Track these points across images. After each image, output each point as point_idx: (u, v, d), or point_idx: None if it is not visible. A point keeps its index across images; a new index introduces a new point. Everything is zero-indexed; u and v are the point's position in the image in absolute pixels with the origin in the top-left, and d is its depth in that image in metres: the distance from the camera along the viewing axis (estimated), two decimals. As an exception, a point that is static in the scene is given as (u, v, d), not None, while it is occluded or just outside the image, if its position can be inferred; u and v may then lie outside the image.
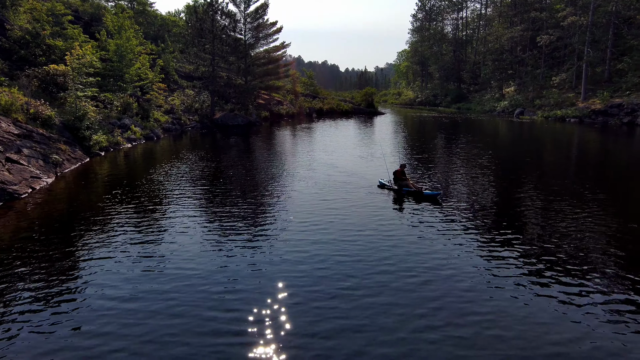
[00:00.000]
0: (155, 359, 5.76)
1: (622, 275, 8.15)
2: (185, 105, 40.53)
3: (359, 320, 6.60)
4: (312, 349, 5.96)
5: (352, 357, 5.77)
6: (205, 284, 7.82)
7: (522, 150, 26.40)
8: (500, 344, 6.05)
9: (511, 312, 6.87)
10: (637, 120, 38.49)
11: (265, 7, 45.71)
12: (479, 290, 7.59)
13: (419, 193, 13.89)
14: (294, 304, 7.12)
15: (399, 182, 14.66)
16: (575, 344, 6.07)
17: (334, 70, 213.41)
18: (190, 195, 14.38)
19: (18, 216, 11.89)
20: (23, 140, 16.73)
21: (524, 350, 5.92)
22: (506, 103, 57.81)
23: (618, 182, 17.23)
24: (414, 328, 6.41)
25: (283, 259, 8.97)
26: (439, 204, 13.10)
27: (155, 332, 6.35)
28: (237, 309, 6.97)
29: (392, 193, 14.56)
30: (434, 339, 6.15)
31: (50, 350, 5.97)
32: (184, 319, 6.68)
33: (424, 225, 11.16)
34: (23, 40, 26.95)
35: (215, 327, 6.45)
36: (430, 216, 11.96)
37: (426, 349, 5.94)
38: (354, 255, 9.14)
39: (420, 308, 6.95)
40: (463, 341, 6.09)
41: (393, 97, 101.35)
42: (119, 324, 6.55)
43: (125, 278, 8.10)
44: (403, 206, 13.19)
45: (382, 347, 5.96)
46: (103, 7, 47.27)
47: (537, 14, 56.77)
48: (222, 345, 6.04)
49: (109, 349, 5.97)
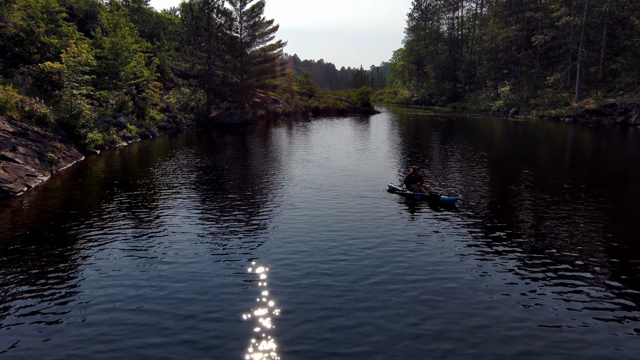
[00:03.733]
0: (151, 357, 5.81)
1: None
2: (181, 104, 40.41)
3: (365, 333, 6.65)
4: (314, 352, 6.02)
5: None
6: (203, 283, 7.85)
7: (524, 151, 26.59)
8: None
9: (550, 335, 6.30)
10: (630, 120, 38.86)
11: (261, 6, 45.58)
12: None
13: (435, 198, 13.04)
14: (293, 308, 7.17)
15: (411, 186, 13.81)
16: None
17: (330, 69, 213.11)
18: (185, 194, 14.39)
19: (13, 214, 11.86)
20: (18, 138, 16.64)
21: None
22: (501, 102, 58.11)
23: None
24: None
25: (283, 259, 9.01)
26: (461, 211, 12.30)
27: (153, 331, 6.38)
28: (237, 309, 7.02)
29: (403, 197, 13.77)
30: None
31: (46, 349, 5.99)
32: (181, 317, 6.72)
33: (441, 233, 10.50)
34: (17, 38, 26.73)
35: (215, 327, 6.50)
36: (445, 223, 11.27)
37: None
38: (362, 263, 9.00)
39: (450, 330, 6.39)
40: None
41: (389, 96, 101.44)
42: (116, 322, 6.57)
43: (120, 276, 8.12)
44: (415, 211, 12.42)
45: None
46: (98, 4, 47.02)
47: (531, 14, 57.08)
48: (222, 345, 6.09)
49: (105, 347, 6.00)
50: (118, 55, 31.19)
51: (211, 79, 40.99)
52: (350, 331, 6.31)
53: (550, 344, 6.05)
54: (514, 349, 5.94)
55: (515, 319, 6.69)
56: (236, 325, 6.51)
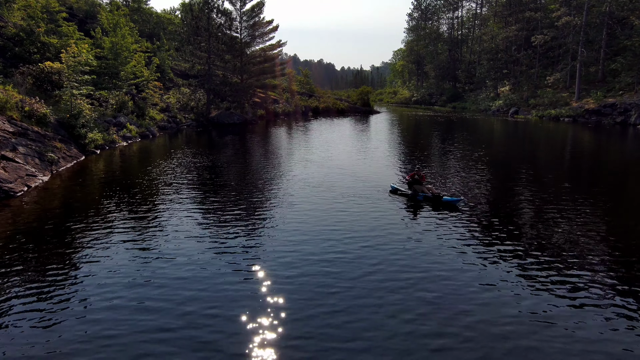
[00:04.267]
0: (152, 353, 5.83)
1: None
2: (181, 104, 40.43)
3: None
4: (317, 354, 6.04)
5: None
6: (202, 283, 7.88)
7: (524, 151, 26.61)
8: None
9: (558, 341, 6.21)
10: (629, 120, 38.89)
11: (261, 6, 45.60)
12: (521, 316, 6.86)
13: (438, 199, 12.94)
14: (292, 304, 7.20)
15: (413, 187, 13.66)
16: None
17: (330, 68, 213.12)
18: (185, 194, 14.41)
19: (13, 214, 11.87)
20: (18, 138, 16.66)
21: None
22: (501, 102, 58.15)
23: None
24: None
25: (283, 257, 9.04)
26: (459, 211, 12.31)
27: (151, 330, 6.41)
28: (236, 305, 7.05)
29: (405, 198, 13.70)
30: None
31: (45, 349, 6.01)
32: (182, 313, 6.75)
33: (442, 234, 10.44)
34: (17, 38, 26.75)
35: (216, 323, 6.52)
36: (444, 222, 11.29)
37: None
38: (365, 265, 8.98)
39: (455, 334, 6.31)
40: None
41: (389, 96, 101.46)
42: (115, 321, 6.60)
43: (121, 276, 8.14)
44: (417, 212, 12.34)
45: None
46: (98, 4, 47.03)
47: (531, 14, 57.11)
48: (222, 340, 6.11)
49: (107, 341, 6.03)
50: (118, 55, 31.20)
51: (211, 79, 41.01)
52: (348, 326, 6.36)
53: (544, 338, 6.09)
54: (507, 344, 5.99)
55: (510, 315, 6.73)
56: (236, 321, 6.55)
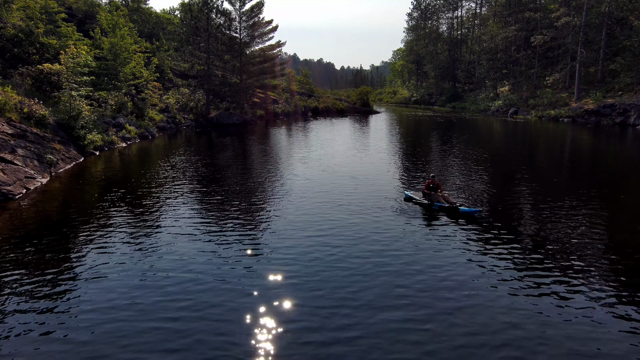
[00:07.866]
0: (153, 351, 5.84)
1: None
2: (180, 104, 40.40)
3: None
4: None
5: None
6: (201, 284, 7.88)
7: (523, 151, 26.62)
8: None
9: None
10: (629, 120, 38.90)
11: (261, 6, 45.55)
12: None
13: (455, 209, 12.26)
14: (291, 303, 7.22)
15: (429, 196, 13.00)
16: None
17: (330, 68, 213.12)
18: (185, 195, 14.40)
19: (12, 217, 11.87)
20: (17, 140, 16.65)
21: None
22: (500, 102, 58.16)
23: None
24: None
25: (284, 255, 9.04)
26: (477, 222, 11.63)
27: (152, 330, 6.41)
28: (236, 304, 7.06)
29: (421, 208, 13.00)
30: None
31: (44, 350, 6.02)
32: (180, 315, 6.75)
33: (438, 234, 10.47)
34: (16, 39, 26.72)
35: (214, 328, 6.53)
36: (444, 224, 11.24)
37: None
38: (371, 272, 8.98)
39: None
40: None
41: (388, 96, 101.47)
42: (115, 323, 6.60)
43: (121, 277, 8.15)
44: (432, 223, 11.74)
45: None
46: (97, 4, 46.93)
47: (531, 14, 57.12)
48: (222, 345, 6.12)
49: (104, 347, 6.03)
50: (117, 55, 31.17)
51: (210, 79, 40.99)
52: (348, 325, 6.37)
53: (538, 337, 6.12)
54: (505, 342, 6.01)
55: (506, 311, 6.75)
56: (236, 322, 6.58)
